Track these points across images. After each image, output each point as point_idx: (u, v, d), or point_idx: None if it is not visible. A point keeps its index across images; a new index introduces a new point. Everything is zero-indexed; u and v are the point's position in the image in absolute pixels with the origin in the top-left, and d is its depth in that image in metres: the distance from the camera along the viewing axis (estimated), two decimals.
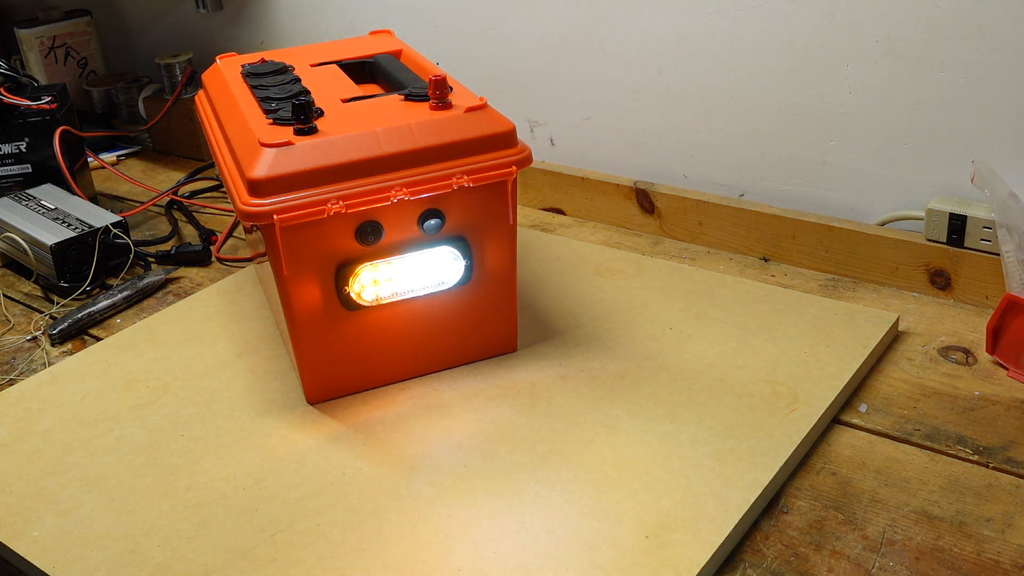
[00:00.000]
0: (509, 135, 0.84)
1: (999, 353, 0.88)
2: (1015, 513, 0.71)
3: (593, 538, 0.70)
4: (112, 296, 1.10)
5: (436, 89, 0.84)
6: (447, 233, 0.84)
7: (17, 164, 1.31)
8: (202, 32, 1.62)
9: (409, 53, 1.04)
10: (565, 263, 1.08)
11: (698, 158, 1.16)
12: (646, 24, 1.13)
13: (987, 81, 0.94)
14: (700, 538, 0.69)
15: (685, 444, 0.78)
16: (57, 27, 1.66)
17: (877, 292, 1.02)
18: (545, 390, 0.87)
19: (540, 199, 1.27)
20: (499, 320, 0.91)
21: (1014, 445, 0.78)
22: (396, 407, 0.86)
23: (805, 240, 1.06)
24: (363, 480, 0.78)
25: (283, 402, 0.88)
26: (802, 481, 0.76)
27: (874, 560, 0.68)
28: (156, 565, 0.71)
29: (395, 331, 0.87)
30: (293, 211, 0.77)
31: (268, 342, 0.98)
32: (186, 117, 1.52)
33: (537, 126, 1.28)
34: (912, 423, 0.82)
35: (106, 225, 1.16)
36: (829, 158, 1.06)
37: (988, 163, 0.92)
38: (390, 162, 0.80)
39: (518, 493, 0.75)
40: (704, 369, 0.88)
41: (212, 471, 0.80)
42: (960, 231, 0.96)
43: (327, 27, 1.44)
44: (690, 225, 1.14)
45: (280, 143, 0.79)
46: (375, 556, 0.70)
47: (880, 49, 0.98)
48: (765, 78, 1.07)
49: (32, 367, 1.00)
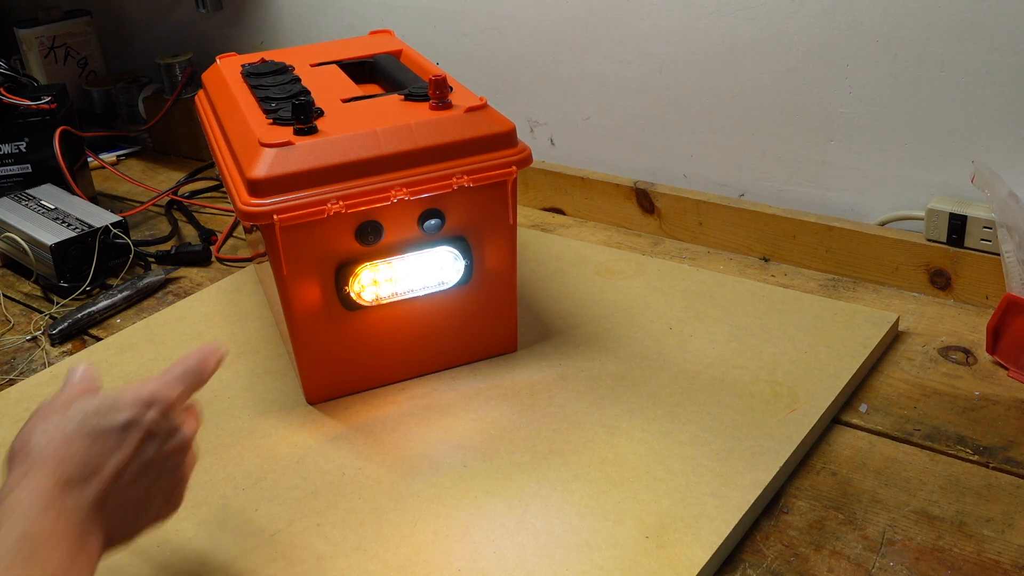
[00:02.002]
0: (509, 135, 0.84)
1: (999, 353, 0.88)
2: (1015, 513, 0.71)
3: (593, 538, 0.70)
4: (112, 296, 1.10)
5: (436, 89, 0.84)
6: (447, 233, 0.84)
7: (17, 164, 1.31)
8: (202, 32, 1.62)
9: (409, 53, 1.04)
10: (565, 263, 1.08)
11: (698, 158, 1.16)
12: (646, 24, 1.13)
13: (987, 81, 0.94)
14: (700, 538, 0.69)
15: (685, 444, 0.78)
16: (57, 27, 1.66)
17: (877, 292, 1.02)
18: (545, 390, 0.87)
19: (540, 199, 1.27)
20: (499, 320, 0.91)
21: (1014, 445, 0.78)
22: (396, 407, 0.86)
23: (805, 240, 1.06)
24: (363, 480, 0.78)
25: (283, 402, 0.88)
26: (802, 481, 0.76)
27: (874, 560, 0.68)
28: (156, 565, 0.71)
29: (395, 331, 0.87)
30: (293, 211, 0.77)
31: (268, 342, 0.98)
32: (186, 117, 1.52)
33: (537, 126, 1.28)
34: (912, 423, 0.82)
35: (106, 225, 1.16)
36: (829, 158, 1.06)
37: (988, 163, 0.92)
38: (390, 162, 0.80)
39: (518, 493, 0.75)
40: (704, 369, 0.88)
41: (212, 471, 0.80)
42: (960, 231, 0.96)
43: (327, 27, 1.44)
44: (690, 225, 1.14)
45: (280, 143, 0.79)
46: (375, 556, 0.70)
47: (880, 49, 0.98)
48: (765, 78, 1.07)
49: (32, 367, 1.00)
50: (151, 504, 0.61)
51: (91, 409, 0.59)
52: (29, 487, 0.54)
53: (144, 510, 0.61)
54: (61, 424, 0.58)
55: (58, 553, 0.53)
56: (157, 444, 0.60)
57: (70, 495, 0.55)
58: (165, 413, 0.61)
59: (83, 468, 0.57)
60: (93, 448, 0.57)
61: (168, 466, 0.61)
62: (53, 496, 0.55)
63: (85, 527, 0.56)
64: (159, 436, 0.61)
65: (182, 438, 0.63)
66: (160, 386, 0.62)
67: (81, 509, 0.56)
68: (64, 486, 0.55)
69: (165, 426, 0.61)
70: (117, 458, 0.58)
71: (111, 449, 0.58)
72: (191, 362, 0.65)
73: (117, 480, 0.58)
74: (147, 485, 0.60)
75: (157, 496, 0.61)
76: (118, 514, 0.58)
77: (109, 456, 0.58)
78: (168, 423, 0.61)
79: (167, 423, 0.61)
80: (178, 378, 0.63)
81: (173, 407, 0.62)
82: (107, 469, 0.57)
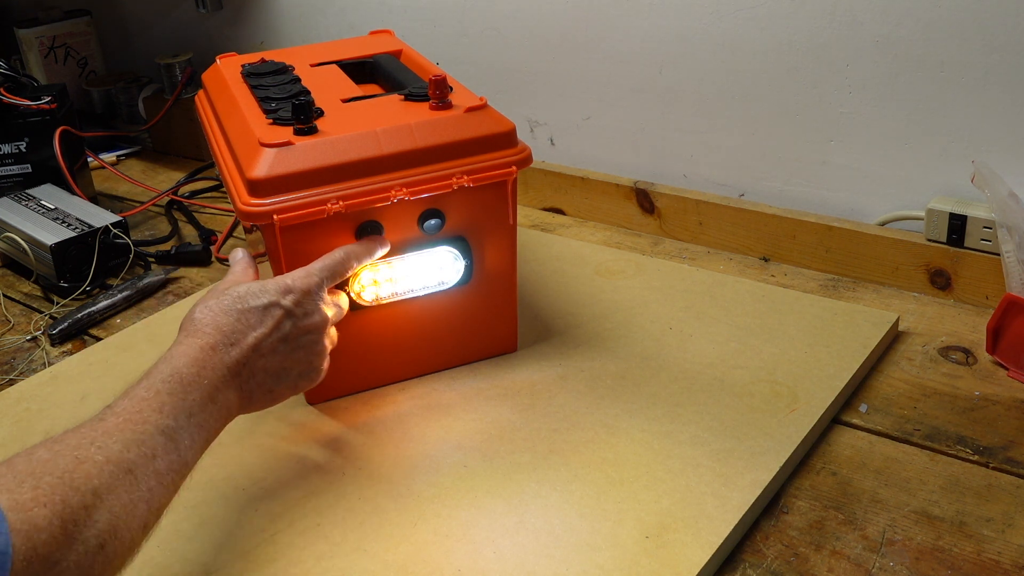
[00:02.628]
0: (509, 135, 0.84)
1: (999, 353, 0.88)
2: (1015, 513, 0.71)
3: (593, 538, 0.70)
4: (112, 296, 1.10)
5: (436, 89, 0.84)
6: (447, 233, 0.84)
7: (17, 164, 1.31)
8: (202, 32, 1.62)
9: (409, 53, 1.04)
10: (565, 263, 1.08)
11: (698, 158, 1.16)
12: (646, 24, 1.13)
13: (987, 81, 0.94)
14: (700, 538, 0.69)
15: (685, 444, 0.78)
16: (57, 27, 1.66)
17: (877, 292, 1.02)
18: (545, 390, 0.87)
19: (540, 199, 1.27)
20: (499, 320, 0.91)
21: (1014, 445, 0.78)
22: (396, 407, 0.86)
23: (805, 240, 1.06)
24: (363, 480, 0.78)
25: (283, 402, 0.88)
26: (802, 481, 0.76)
27: (874, 560, 0.68)
28: (156, 565, 0.71)
29: (395, 331, 0.87)
30: (293, 211, 0.77)
31: None
32: (186, 117, 1.52)
33: (537, 126, 1.28)
34: (912, 423, 0.82)
35: (106, 225, 1.16)
36: (829, 158, 1.06)
37: (988, 163, 0.92)
38: (390, 162, 0.80)
39: (518, 493, 0.75)
40: (704, 369, 0.88)
41: (212, 471, 0.80)
42: (960, 231, 0.96)
43: (327, 27, 1.44)
44: (690, 225, 1.15)
45: (280, 143, 0.79)
46: (375, 556, 0.70)
47: (880, 49, 0.98)
48: (765, 78, 1.07)
49: (32, 367, 1.00)
50: (287, 375, 0.73)
51: (242, 292, 0.72)
52: (185, 344, 0.68)
53: (280, 379, 0.73)
54: (217, 302, 0.71)
55: (196, 395, 0.65)
56: (293, 323, 0.72)
57: (215, 356, 0.68)
58: (301, 299, 0.73)
59: (227, 337, 0.69)
60: (238, 323, 0.70)
61: (303, 342, 0.73)
62: (202, 354, 0.67)
63: (223, 383, 0.68)
64: (296, 317, 0.73)
65: (319, 319, 0.74)
66: (300, 276, 0.74)
67: (221, 368, 0.68)
68: (211, 349, 0.68)
69: (301, 309, 0.73)
70: (257, 332, 0.70)
71: (253, 325, 0.71)
72: (331, 260, 0.77)
73: (256, 349, 0.70)
74: (283, 357, 0.72)
75: (293, 368, 0.73)
76: (255, 378, 0.71)
77: (250, 330, 0.70)
78: (304, 306, 0.73)
79: (304, 306, 0.73)
80: (317, 271, 0.75)
81: (309, 294, 0.74)
82: (248, 340, 0.70)
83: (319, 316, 0.74)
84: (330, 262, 0.77)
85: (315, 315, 0.74)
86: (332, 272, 0.76)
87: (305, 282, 0.74)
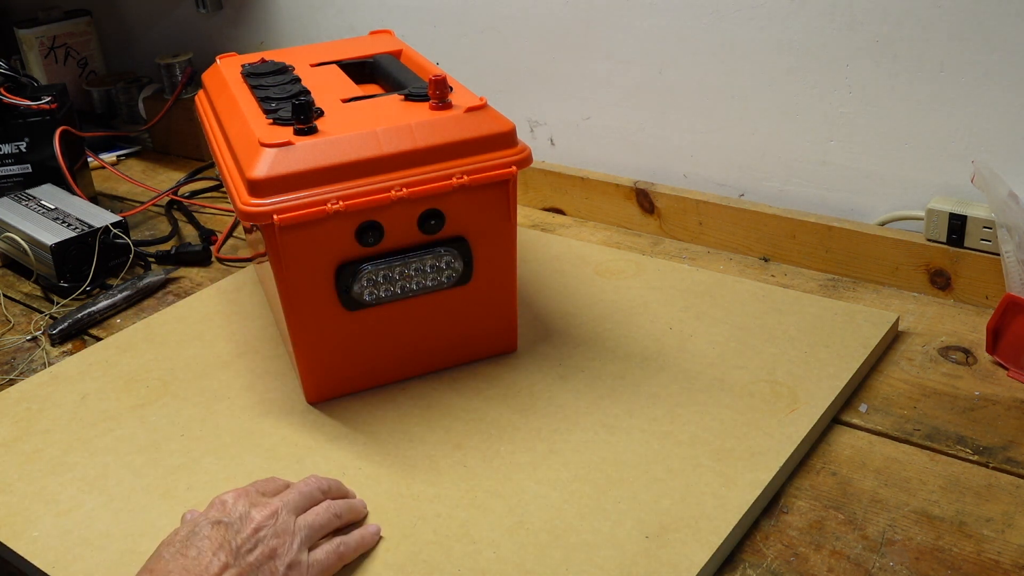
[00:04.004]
0: (509, 135, 0.84)
1: (999, 353, 0.88)
2: (1015, 513, 0.71)
3: (593, 538, 0.70)
4: (112, 296, 1.10)
5: (436, 89, 0.84)
6: (447, 233, 0.84)
7: (17, 164, 1.31)
8: (202, 32, 1.62)
9: (409, 53, 1.04)
10: (565, 263, 1.08)
11: (698, 158, 1.16)
12: (646, 24, 1.13)
13: (987, 81, 0.94)
14: (700, 538, 0.69)
15: (685, 444, 0.78)
16: (57, 27, 1.66)
17: (877, 292, 1.02)
18: (545, 390, 0.87)
19: (540, 199, 1.27)
20: (499, 320, 0.91)
21: (1014, 445, 0.78)
22: (396, 407, 0.86)
23: (805, 240, 1.06)
24: (363, 480, 0.78)
25: (283, 402, 0.88)
26: (802, 481, 0.76)
27: (874, 560, 0.68)
28: None
29: (395, 331, 0.87)
30: (293, 211, 0.77)
31: (268, 342, 0.98)
32: (186, 117, 1.52)
33: (537, 126, 1.28)
34: (912, 423, 0.82)
35: (106, 225, 1.16)
36: (829, 158, 1.06)
37: (988, 163, 0.92)
38: (390, 162, 0.80)
39: (518, 493, 0.75)
40: (704, 369, 0.88)
41: (212, 471, 0.80)
42: (960, 231, 0.96)
43: (327, 27, 1.44)
44: (690, 225, 1.15)
45: (280, 143, 0.79)
46: (375, 556, 0.70)
47: (880, 49, 0.98)
48: (765, 78, 1.07)
49: (32, 367, 1.00)
50: None
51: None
52: None
53: None
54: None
55: None
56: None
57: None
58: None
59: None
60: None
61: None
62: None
63: None
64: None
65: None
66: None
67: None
68: None
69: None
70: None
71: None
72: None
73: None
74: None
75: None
76: None
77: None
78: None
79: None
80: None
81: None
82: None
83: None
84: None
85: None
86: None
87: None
